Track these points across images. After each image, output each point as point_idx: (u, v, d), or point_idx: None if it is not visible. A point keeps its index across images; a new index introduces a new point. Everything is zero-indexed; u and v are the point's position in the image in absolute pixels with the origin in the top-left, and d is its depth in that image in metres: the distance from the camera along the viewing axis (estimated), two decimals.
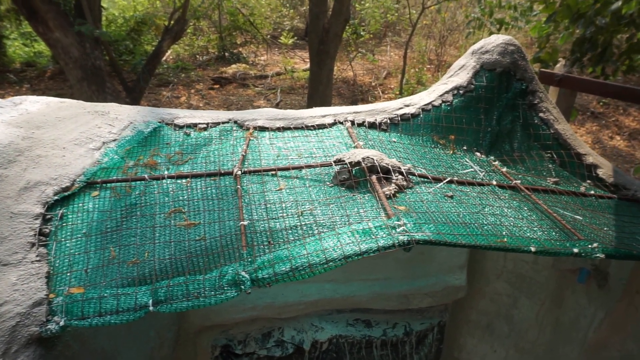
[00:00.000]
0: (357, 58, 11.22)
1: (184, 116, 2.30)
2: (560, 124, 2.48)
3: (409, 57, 10.23)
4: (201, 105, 9.62)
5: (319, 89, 8.28)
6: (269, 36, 12.69)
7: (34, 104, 2.11)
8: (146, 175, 1.90)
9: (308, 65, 9.25)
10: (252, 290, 1.52)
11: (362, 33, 10.43)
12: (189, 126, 2.26)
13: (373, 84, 10.49)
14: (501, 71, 2.46)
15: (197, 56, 12.05)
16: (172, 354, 2.68)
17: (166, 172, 1.93)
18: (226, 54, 11.83)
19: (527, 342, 3.04)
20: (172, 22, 8.80)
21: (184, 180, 1.91)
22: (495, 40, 2.48)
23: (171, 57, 11.88)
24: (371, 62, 11.12)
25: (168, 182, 1.90)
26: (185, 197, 1.85)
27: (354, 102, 9.75)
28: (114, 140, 2.07)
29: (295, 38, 12.61)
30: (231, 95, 10.27)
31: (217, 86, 10.67)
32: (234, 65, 11.49)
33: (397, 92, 9.49)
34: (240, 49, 12.30)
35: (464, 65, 2.48)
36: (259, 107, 8.90)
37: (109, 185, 1.86)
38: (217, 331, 2.77)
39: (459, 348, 3.33)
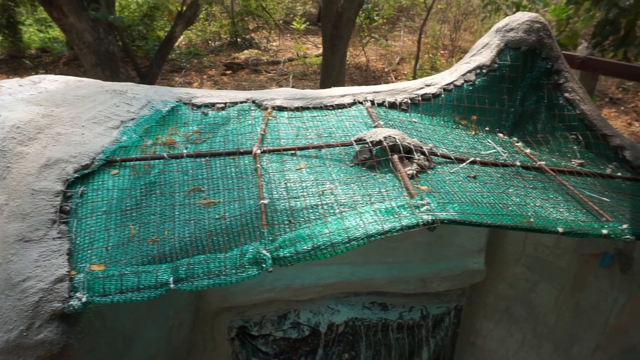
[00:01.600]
0: (370, 43, 11.07)
1: (202, 96, 2.28)
2: (587, 105, 2.41)
3: (423, 42, 10.06)
4: None
5: (332, 75, 8.19)
6: (281, 21, 12.57)
7: (52, 83, 2.10)
8: (165, 154, 1.89)
9: (320, 51, 9.15)
10: (272, 270, 1.50)
11: (375, 18, 10.27)
12: (206, 106, 2.23)
13: (386, 69, 10.36)
14: (526, 49, 2.38)
15: (210, 42, 11.99)
16: (189, 335, 2.70)
17: (185, 151, 1.91)
18: (238, 39, 11.75)
19: (545, 326, 3.00)
20: (184, 7, 8.74)
21: (203, 159, 1.89)
22: (521, 17, 2.40)
23: (184, 42, 11.84)
24: (384, 48, 10.97)
25: (187, 160, 1.88)
26: (205, 175, 1.83)
27: None
28: (132, 119, 2.06)
29: (308, 23, 12.47)
30: (243, 81, 10.23)
31: (230, 72, 10.62)
32: (246, 51, 11.42)
33: (411, 78, 9.35)
34: (253, 35, 12.20)
35: (487, 43, 2.41)
36: None
37: (128, 163, 1.85)
38: (234, 312, 2.78)
39: (475, 332, 3.30)
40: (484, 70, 2.35)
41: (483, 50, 2.40)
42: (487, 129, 2.33)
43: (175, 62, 10.76)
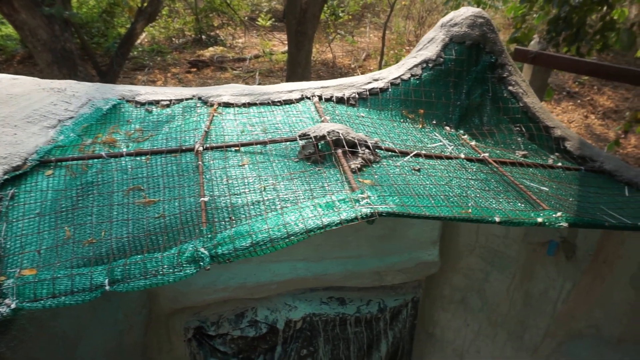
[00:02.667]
0: (336, 40, 11.10)
1: (146, 93, 2.23)
2: (529, 97, 2.48)
3: (388, 38, 10.16)
4: None
5: (298, 71, 8.17)
6: (246, 18, 12.44)
7: None
8: (104, 153, 1.83)
9: (287, 48, 9.11)
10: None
11: (340, 14, 10.30)
12: (150, 103, 2.18)
13: (352, 65, 10.41)
14: (470, 44, 2.43)
15: (173, 39, 11.76)
16: (143, 338, 2.65)
17: (125, 150, 1.86)
18: (203, 36, 11.57)
19: (499, 315, 3.08)
20: (145, 3, 8.53)
21: (143, 158, 1.85)
22: (465, 12, 2.45)
23: (146, 40, 11.57)
24: (350, 44, 11.02)
25: (127, 159, 1.84)
26: (145, 174, 1.79)
27: None
28: (71, 117, 1.99)
29: (273, 20, 12.39)
30: (209, 78, 10.08)
31: (194, 69, 10.45)
32: (211, 48, 11.25)
33: None
34: (218, 32, 12.04)
35: (433, 38, 2.45)
36: None
37: (64, 163, 1.79)
38: (189, 313, 2.74)
39: (434, 323, 3.36)
40: (430, 65, 2.38)
41: (429, 45, 2.43)
42: (434, 122, 2.36)
43: (137, 60, 10.51)
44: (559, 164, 2.32)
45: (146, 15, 8.55)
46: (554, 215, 1.77)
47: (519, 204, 1.87)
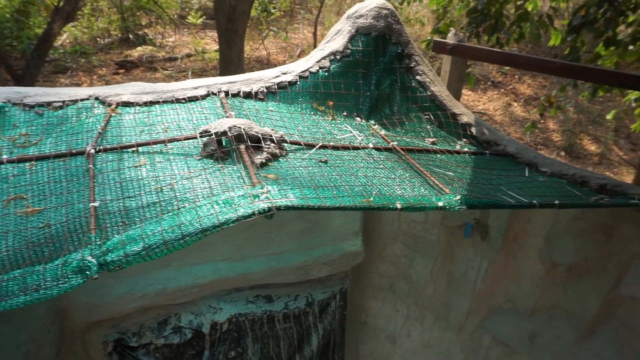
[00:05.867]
0: (270, 37, 11.00)
1: (35, 95, 2.07)
2: (437, 86, 2.55)
3: (321, 33, 10.20)
4: None
5: (230, 69, 8.01)
6: (176, 16, 12.03)
7: None
8: None
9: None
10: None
11: (272, 10, 10.21)
12: (41, 105, 2.03)
13: (287, 61, 10.36)
14: (376, 35, 2.47)
15: (98, 39, 11.14)
16: (56, 356, 2.48)
17: (5, 157, 1.72)
18: (130, 36, 11.05)
19: (425, 298, 3.18)
20: (62, 2, 8.02)
21: (26, 164, 1.71)
22: (369, 4, 2.48)
23: (68, 40, 10.90)
24: (284, 40, 10.96)
25: (7, 167, 1.69)
26: (29, 181, 1.66)
27: None
28: None
29: (204, 17, 12.07)
30: (139, 79, 9.66)
31: (123, 71, 9.97)
32: (139, 48, 10.78)
33: None
34: (146, 30, 11.54)
35: (339, 30, 2.46)
36: None
37: None
38: (107, 326, 2.60)
39: (365, 312, 3.42)
40: (337, 57, 2.39)
41: (336, 37, 2.44)
42: (344, 113, 2.38)
43: (59, 62, 9.87)
44: (465, 149, 2.42)
45: (64, 14, 8.04)
46: (454, 199, 1.83)
47: (423, 190, 1.92)
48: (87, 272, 1.39)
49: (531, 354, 2.89)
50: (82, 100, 2.09)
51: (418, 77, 2.52)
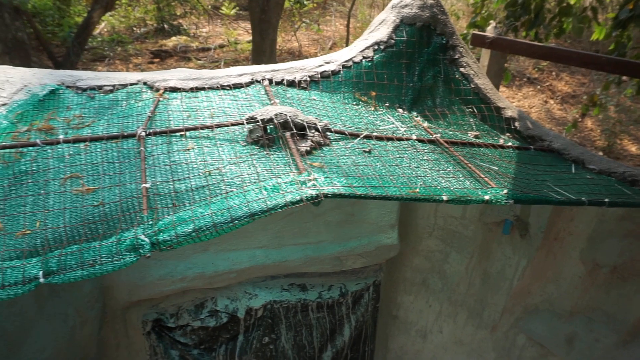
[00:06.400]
0: (302, 28, 10.99)
1: (88, 78, 2.13)
2: (480, 79, 2.50)
3: (353, 26, 10.13)
4: None
5: (263, 60, 8.06)
6: (210, 6, 12.15)
7: None
8: (39, 140, 1.74)
9: (251, 37, 8.96)
10: (180, 261, 1.44)
11: (305, 2, 10.19)
12: (92, 88, 2.09)
13: (319, 54, 10.34)
14: (421, 25, 2.43)
15: (135, 28, 11.38)
16: (98, 333, 2.57)
17: (62, 137, 1.78)
18: (165, 25, 11.24)
19: (459, 294, 3.14)
20: None
21: (81, 145, 1.77)
22: None
23: (106, 29, 11.16)
24: (316, 32, 10.94)
25: (64, 146, 1.75)
26: (83, 161, 1.71)
27: None
28: (4, 104, 1.88)
29: (238, 8, 12.15)
30: (172, 69, 9.83)
31: (157, 60, 10.16)
32: (174, 38, 10.95)
33: None
34: (181, 21, 11.71)
35: (384, 19, 2.43)
36: None
37: None
38: (147, 306, 2.68)
39: (397, 306, 3.40)
40: (381, 47, 2.37)
41: (380, 27, 2.42)
42: (387, 104, 2.36)
43: (97, 50, 10.13)
44: (509, 144, 2.36)
45: (103, 3, 8.24)
46: (500, 193, 1.80)
47: (468, 183, 1.89)
48: (141, 251, 1.43)
49: (568, 357, 2.82)
50: (131, 84, 2.15)
51: (462, 69, 2.47)
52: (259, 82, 2.23)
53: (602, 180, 2.22)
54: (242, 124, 1.90)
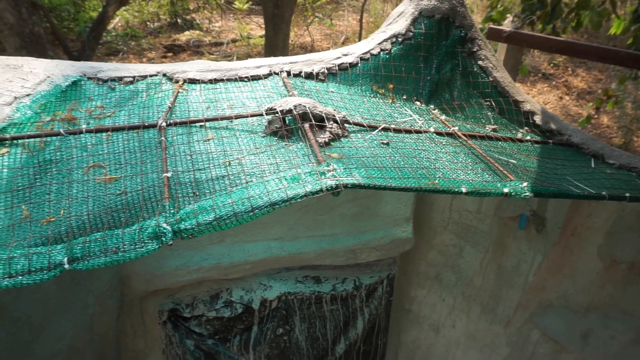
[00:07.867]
0: (315, 23, 10.97)
1: (108, 69, 2.16)
2: (499, 72, 2.48)
3: (366, 21, 10.08)
4: None
5: (275, 55, 8.06)
6: (223, 1, 12.18)
7: None
8: (62, 130, 1.77)
9: (264, 31, 8.96)
10: (196, 251, 1.46)
11: None
12: (113, 80, 2.12)
13: (331, 49, 10.31)
14: (440, 18, 2.41)
15: (148, 23, 11.46)
16: (116, 321, 2.61)
17: (84, 127, 1.80)
18: (179, 20, 11.30)
19: (473, 289, 3.13)
20: None
21: (104, 134, 1.79)
22: None
23: (120, 24, 11.25)
24: (329, 27, 10.91)
25: (86, 136, 1.78)
26: (106, 151, 1.74)
27: None
28: (28, 95, 1.92)
29: (251, 3, 12.14)
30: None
31: (171, 54, 10.22)
32: (187, 32, 11.01)
33: None
34: (194, 15, 11.77)
35: (402, 12, 2.42)
36: None
37: (20, 141, 1.72)
38: (163, 295, 2.71)
39: (410, 300, 3.41)
40: (399, 39, 2.36)
41: (399, 19, 2.41)
42: (404, 97, 2.35)
43: (111, 44, 10.22)
44: (528, 138, 2.34)
45: None
46: (519, 186, 1.79)
47: (487, 176, 1.88)
48: (163, 239, 1.45)
49: (583, 353, 2.80)
50: (150, 76, 2.17)
51: (480, 62, 2.45)
52: (276, 74, 2.24)
53: (622, 175, 2.20)
54: (261, 115, 1.91)
